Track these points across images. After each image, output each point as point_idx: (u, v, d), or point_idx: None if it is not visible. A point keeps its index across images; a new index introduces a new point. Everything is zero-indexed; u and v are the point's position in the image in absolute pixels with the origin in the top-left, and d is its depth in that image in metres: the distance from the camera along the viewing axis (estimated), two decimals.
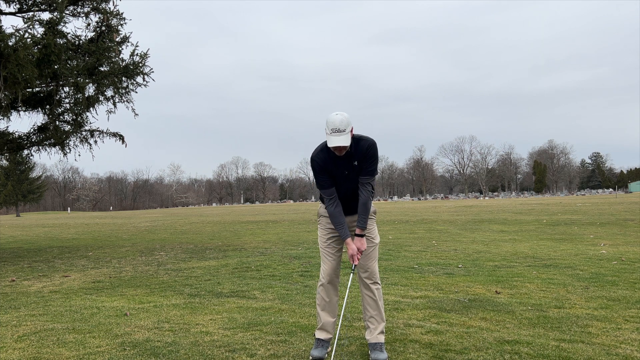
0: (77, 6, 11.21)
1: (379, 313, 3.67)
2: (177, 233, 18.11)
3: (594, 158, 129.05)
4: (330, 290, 3.70)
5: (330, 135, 3.41)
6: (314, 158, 3.61)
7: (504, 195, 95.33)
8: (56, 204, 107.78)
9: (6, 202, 58.01)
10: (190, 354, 3.68)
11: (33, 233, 21.12)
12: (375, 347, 3.56)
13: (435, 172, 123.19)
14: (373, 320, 3.65)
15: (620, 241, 11.13)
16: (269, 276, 7.28)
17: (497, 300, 5.31)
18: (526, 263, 8.03)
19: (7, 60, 8.41)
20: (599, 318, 4.52)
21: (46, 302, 5.79)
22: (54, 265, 9.58)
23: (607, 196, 60.37)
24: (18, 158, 15.70)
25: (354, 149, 3.56)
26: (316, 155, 3.61)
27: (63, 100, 11.74)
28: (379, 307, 3.67)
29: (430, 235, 13.87)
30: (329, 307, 3.69)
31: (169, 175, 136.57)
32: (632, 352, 3.59)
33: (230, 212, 44.82)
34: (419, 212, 30.05)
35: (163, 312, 5.05)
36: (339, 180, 3.62)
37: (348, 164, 3.57)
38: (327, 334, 3.67)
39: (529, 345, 3.76)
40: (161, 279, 7.41)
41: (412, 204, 55.92)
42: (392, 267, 7.79)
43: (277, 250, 10.79)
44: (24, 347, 3.93)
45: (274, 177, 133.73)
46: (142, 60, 11.28)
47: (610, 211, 23.28)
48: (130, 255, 10.90)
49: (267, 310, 5.03)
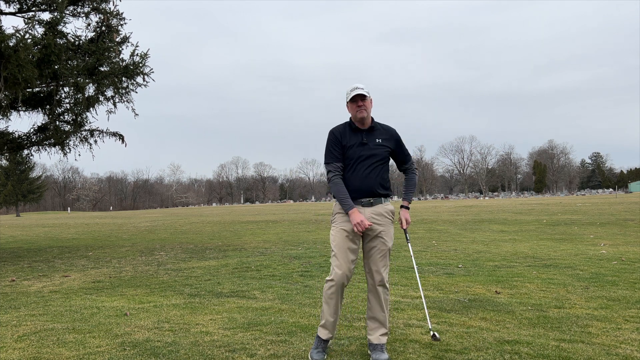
0: (77, 6, 11.20)
1: (384, 317, 3.60)
2: (177, 233, 18.11)
3: (594, 158, 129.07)
4: (339, 291, 3.57)
5: (350, 93, 3.54)
6: (332, 129, 3.66)
7: (504, 195, 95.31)
8: (56, 204, 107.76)
9: (6, 202, 58.02)
10: (190, 354, 3.68)
11: (33, 233, 21.12)
12: (376, 347, 3.53)
13: (435, 172, 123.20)
14: (377, 322, 3.59)
15: (620, 241, 11.13)
16: (269, 276, 7.28)
17: (497, 300, 5.31)
18: (526, 263, 8.03)
19: (8, 61, 8.41)
20: (599, 318, 4.52)
21: (46, 302, 5.79)
22: (54, 265, 9.58)
23: (607, 196, 60.35)
24: (18, 158, 15.72)
25: (378, 127, 3.66)
26: (335, 127, 3.67)
27: (63, 100, 11.74)
28: (385, 311, 3.60)
29: (430, 235, 13.87)
30: (334, 306, 3.59)
31: (169, 175, 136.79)
32: (632, 352, 3.59)
33: (230, 212, 44.81)
34: (419, 212, 30.05)
35: (163, 312, 5.05)
36: (356, 155, 3.54)
37: (370, 137, 3.59)
38: (329, 333, 3.61)
39: (529, 345, 3.76)
40: (161, 279, 7.40)
41: (412, 203, 55.88)
42: (392, 267, 7.80)
43: (277, 250, 10.79)
44: (24, 347, 3.93)
45: (274, 177, 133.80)
46: (142, 61, 11.28)
47: (610, 211, 23.28)
48: (130, 255, 10.90)
49: (267, 310, 5.03)
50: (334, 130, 3.65)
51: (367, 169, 3.55)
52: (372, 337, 3.59)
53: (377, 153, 3.58)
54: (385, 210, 3.62)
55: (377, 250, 3.57)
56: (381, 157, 3.60)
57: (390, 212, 3.66)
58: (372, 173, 3.55)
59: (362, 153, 3.55)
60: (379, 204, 3.60)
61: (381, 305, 3.59)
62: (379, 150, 3.60)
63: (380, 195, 3.60)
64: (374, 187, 3.56)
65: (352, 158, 3.56)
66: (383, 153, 3.61)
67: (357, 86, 3.54)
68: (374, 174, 3.56)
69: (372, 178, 3.55)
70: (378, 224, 3.57)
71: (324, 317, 3.62)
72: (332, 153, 3.61)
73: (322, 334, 3.63)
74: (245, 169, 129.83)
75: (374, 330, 3.60)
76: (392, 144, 3.68)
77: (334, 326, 3.64)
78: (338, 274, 3.50)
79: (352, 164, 3.57)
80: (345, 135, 3.60)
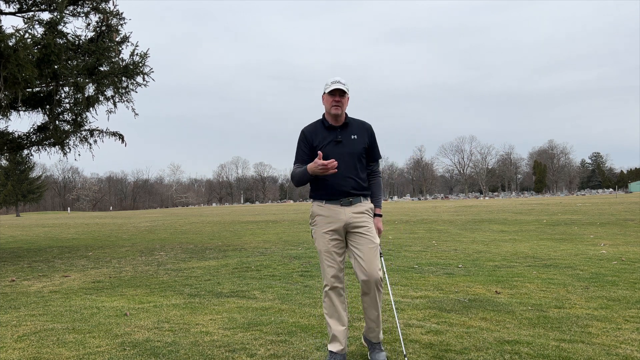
0: (77, 6, 11.21)
1: (378, 315, 3.52)
2: (177, 233, 18.11)
3: (594, 158, 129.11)
4: (334, 296, 3.43)
5: (330, 85, 3.40)
6: (304, 129, 3.53)
7: (504, 195, 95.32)
8: (56, 204, 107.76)
9: (6, 202, 58.02)
10: (190, 354, 3.68)
11: (33, 233, 21.11)
12: (374, 347, 3.51)
13: (435, 172, 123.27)
14: (372, 323, 3.51)
15: (620, 241, 11.13)
16: (269, 276, 7.28)
17: (497, 300, 5.31)
18: (526, 263, 8.03)
19: (7, 61, 8.41)
20: (599, 318, 4.51)
21: (46, 302, 5.79)
22: (54, 265, 9.58)
23: (607, 196, 60.35)
24: (18, 158, 15.73)
25: (352, 123, 3.52)
26: (307, 126, 3.55)
27: (63, 100, 11.74)
28: (378, 310, 3.52)
29: (430, 235, 13.87)
30: (337, 315, 3.43)
31: (169, 175, 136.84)
32: (632, 352, 3.59)
33: (230, 212, 44.80)
34: (419, 212, 30.05)
35: (163, 312, 5.04)
36: (331, 154, 3.36)
37: (344, 134, 3.47)
38: (339, 345, 3.41)
39: (529, 345, 3.76)
40: (161, 279, 7.40)
41: (412, 204, 55.91)
42: (392, 267, 7.79)
43: (277, 250, 10.78)
44: (24, 347, 3.93)
45: (274, 177, 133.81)
46: (142, 60, 11.28)
47: (610, 211, 23.28)
48: (130, 255, 10.90)
49: (267, 310, 5.03)
50: (305, 130, 3.52)
51: (344, 168, 3.38)
52: (370, 336, 3.55)
53: (353, 150, 3.44)
54: (366, 208, 3.49)
55: (365, 248, 3.40)
56: (357, 153, 3.46)
57: (371, 209, 3.54)
58: (349, 171, 3.41)
59: (337, 151, 3.40)
60: (358, 203, 3.47)
61: (375, 304, 3.48)
62: (355, 147, 3.45)
63: (358, 195, 3.47)
64: (352, 185, 3.42)
65: (327, 157, 3.36)
66: (359, 149, 3.47)
67: (339, 80, 3.39)
68: (351, 173, 3.42)
69: (350, 176, 3.41)
70: (361, 220, 3.44)
71: (331, 329, 3.44)
72: (299, 155, 3.51)
73: (333, 348, 3.42)
74: (245, 169, 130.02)
75: (370, 330, 3.53)
76: (367, 139, 3.53)
77: (344, 337, 3.43)
78: (329, 276, 3.40)
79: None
80: (317, 135, 3.47)
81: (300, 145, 3.51)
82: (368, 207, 3.52)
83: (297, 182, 3.48)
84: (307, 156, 3.47)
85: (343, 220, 3.42)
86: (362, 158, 3.50)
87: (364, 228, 3.44)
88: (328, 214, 3.44)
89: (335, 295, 3.43)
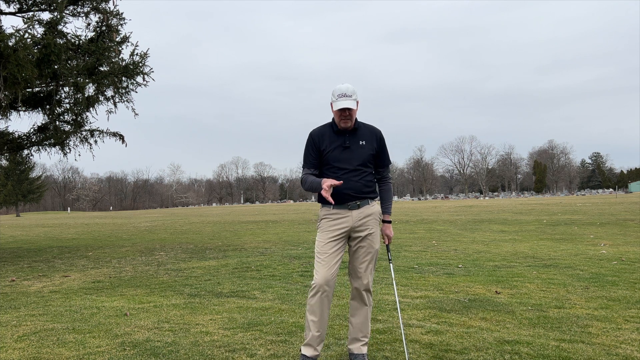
0: (77, 6, 11.21)
1: (366, 322, 3.47)
2: (177, 233, 18.11)
3: (594, 158, 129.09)
4: (322, 299, 3.32)
5: (337, 101, 3.31)
6: (311, 132, 3.48)
7: (504, 195, 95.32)
8: (56, 204, 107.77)
9: (6, 202, 58.01)
10: (190, 354, 3.68)
11: (33, 233, 21.12)
12: (357, 357, 3.43)
13: (436, 172, 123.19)
14: (358, 332, 3.46)
15: (620, 241, 11.13)
16: (269, 276, 7.28)
17: (497, 300, 5.31)
18: (526, 263, 8.03)
19: (7, 61, 8.41)
20: (599, 318, 4.52)
21: (46, 302, 5.79)
22: (54, 265, 9.58)
23: (607, 196, 60.34)
24: (18, 158, 15.69)
25: (362, 128, 3.47)
26: (315, 129, 3.50)
27: (63, 100, 11.74)
28: (368, 318, 3.49)
29: (430, 235, 13.87)
30: (319, 318, 3.33)
31: (169, 175, 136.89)
32: (632, 352, 3.59)
33: (230, 212, 44.81)
34: (419, 212, 30.06)
35: (163, 312, 5.05)
36: (337, 158, 3.35)
37: (353, 139, 3.42)
38: (314, 350, 3.34)
39: (529, 345, 3.76)
40: (161, 279, 7.40)
41: (412, 203, 55.91)
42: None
43: (277, 250, 10.79)
44: (24, 347, 3.93)
45: (274, 177, 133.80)
46: (142, 60, 11.28)
47: (610, 211, 23.28)
48: (130, 255, 10.90)
49: (267, 310, 5.03)
50: (313, 134, 3.46)
51: (351, 172, 3.36)
52: (353, 346, 3.47)
53: (361, 155, 3.40)
54: (372, 211, 3.46)
55: (363, 253, 3.41)
56: (365, 159, 3.41)
57: (378, 213, 3.52)
58: (356, 177, 3.38)
59: (345, 156, 3.38)
60: (366, 205, 3.43)
61: (365, 312, 3.45)
62: (363, 152, 3.41)
63: (366, 198, 3.43)
64: (359, 189, 3.38)
65: (335, 161, 3.36)
66: (367, 155, 3.43)
67: (345, 93, 3.30)
68: (359, 177, 3.39)
69: (357, 181, 3.38)
70: (366, 225, 3.41)
71: (309, 331, 3.36)
72: (308, 159, 3.47)
73: (306, 352, 3.36)
74: (245, 169, 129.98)
75: (355, 341, 3.47)
76: (375, 144, 3.48)
77: (319, 343, 3.36)
78: (320, 276, 3.31)
79: (335, 167, 3.38)
80: (324, 139, 3.42)
81: (308, 149, 3.46)
82: (375, 211, 3.49)
83: (307, 189, 3.47)
84: (316, 160, 3.44)
85: (349, 225, 3.40)
86: (369, 163, 3.47)
87: (367, 233, 3.42)
88: (335, 218, 3.42)
89: (323, 297, 3.34)
